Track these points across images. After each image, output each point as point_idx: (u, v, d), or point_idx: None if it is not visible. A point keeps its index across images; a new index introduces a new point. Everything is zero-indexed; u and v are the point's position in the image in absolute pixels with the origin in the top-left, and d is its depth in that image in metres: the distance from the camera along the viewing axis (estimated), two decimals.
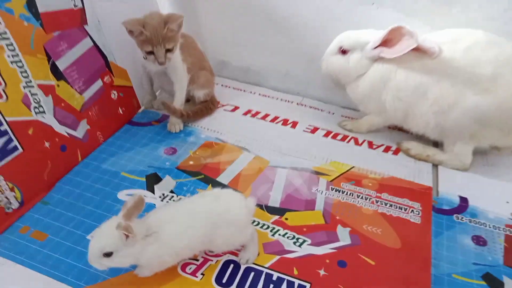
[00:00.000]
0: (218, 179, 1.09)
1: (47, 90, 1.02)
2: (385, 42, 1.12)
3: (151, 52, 1.10)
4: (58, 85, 1.05)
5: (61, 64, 1.06)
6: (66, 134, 1.07)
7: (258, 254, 0.89)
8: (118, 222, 0.72)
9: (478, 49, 1.05)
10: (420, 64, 1.10)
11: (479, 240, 0.96)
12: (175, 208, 0.84)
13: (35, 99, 0.99)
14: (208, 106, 1.33)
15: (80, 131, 1.12)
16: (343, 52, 1.18)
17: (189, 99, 1.34)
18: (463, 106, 1.06)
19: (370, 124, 1.28)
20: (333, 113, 1.40)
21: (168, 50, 1.11)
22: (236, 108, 1.40)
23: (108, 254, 0.74)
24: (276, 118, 1.36)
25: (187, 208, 0.84)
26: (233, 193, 0.89)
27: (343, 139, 1.28)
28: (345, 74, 1.20)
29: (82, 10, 1.10)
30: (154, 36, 1.08)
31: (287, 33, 1.37)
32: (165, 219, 0.81)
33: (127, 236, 0.73)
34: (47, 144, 1.02)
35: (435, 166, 1.18)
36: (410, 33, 1.07)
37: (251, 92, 1.49)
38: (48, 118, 1.02)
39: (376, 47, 1.13)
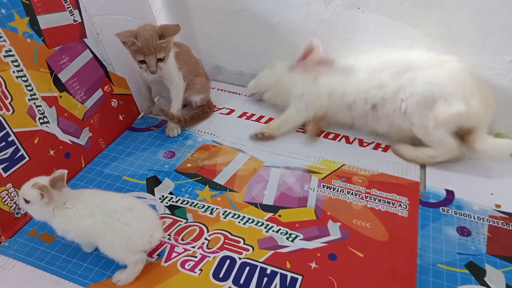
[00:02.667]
0: (214, 180, 1.14)
1: (50, 101, 1.08)
2: (304, 57, 1.27)
3: (143, 61, 1.14)
4: (60, 96, 1.11)
5: (63, 77, 1.12)
6: (69, 142, 1.13)
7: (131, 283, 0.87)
8: (37, 181, 0.81)
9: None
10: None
11: (463, 231, 1.00)
12: (98, 195, 0.89)
13: (40, 110, 1.05)
14: (204, 110, 1.39)
15: (83, 139, 1.18)
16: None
17: (186, 104, 1.39)
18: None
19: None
20: None
21: (159, 60, 1.15)
22: (231, 111, 1.45)
23: (26, 201, 0.83)
24: (270, 119, 1.40)
25: (103, 199, 0.88)
26: (150, 220, 0.89)
27: (334, 138, 1.32)
28: (267, 77, 1.40)
29: (81, 24, 1.16)
30: (146, 46, 1.11)
31: (278, 37, 1.42)
32: (80, 200, 0.86)
33: (42, 196, 0.81)
34: (52, 152, 1.08)
35: None
36: (315, 45, 1.23)
37: (246, 95, 1.53)
38: (52, 128, 1.08)
39: (299, 62, 1.29)
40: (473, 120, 1.14)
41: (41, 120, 1.05)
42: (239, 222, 1.02)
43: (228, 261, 0.92)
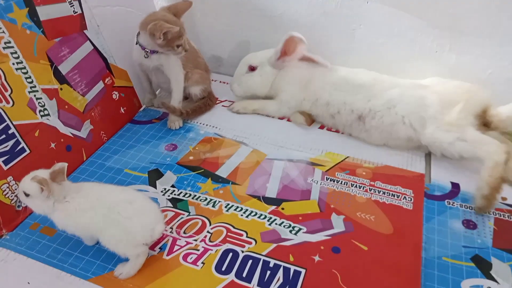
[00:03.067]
0: (217, 172, 1.13)
1: (51, 94, 1.07)
2: (285, 52, 1.27)
3: (179, 45, 1.14)
4: (61, 89, 1.10)
5: (64, 69, 1.10)
6: (70, 135, 1.12)
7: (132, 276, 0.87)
8: (37, 174, 0.80)
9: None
10: None
11: (469, 224, 0.99)
12: (98, 189, 0.89)
13: (40, 103, 1.04)
14: (206, 103, 1.37)
15: (84, 132, 1.17)
16: (252, 69, 1.32)
17: (187, 97, 1.37)
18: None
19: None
20: None
21: None
22: (233, 103, 1.43)
23: (26, 195, 0.82)
24: None
25: (103, 193, 0.87)
26: (151, 213, 0.88)
27: (338, 130, 1.30)
28: (260, 86, 1.34)
29: (82, 16, 1.15)
30: (181, 27, 1.12)
31: (280, 29, 1.38)
32: (81, 193, 0.85)
33: (42, 189, 0.80)
34: (53, 145, 1.07)
35: (428, 153, 1.20)
36: (300, 40, 1.23)
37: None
38: (53, 120, 1.07)
39: (279, 58, 1.28)
40: (476, 100, 1.14)
41: (42, 113, 1.04)
42: (241, 215, 1.00)
43: (230, 254, 0.91)
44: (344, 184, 1.10)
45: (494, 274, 0.88)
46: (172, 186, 1.09)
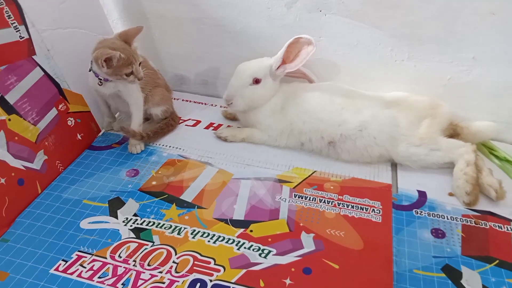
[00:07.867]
0: (181, 197, 1.09)
1: None
2: (285, 60, 1.22)
3: (130, 73, 1.10)
4: (9, 119, 1.03)
5: (11, 98, 1.04)
6: (22, 168, 1.06)
7: None
8: None
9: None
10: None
11: (438, 233, 0.99)
12: None
13: None
14: (169, 123, 1.33)
15: (37, 163, 1.10)
16: (257, 81, 1.23)
17: (148, 118, 1.33)
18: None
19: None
20: None
21: (139, 64, 1.13)
22: (197, 122, 1.40)
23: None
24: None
25: None
26: None
27: None
28: (263, 99, 1.26)
29: (29, 40, 1.09)
30: (130, 55, 1.08)
31: (242, 44, 1.38)
32: None
33: None
34: (2, 180, 1.00)
35: (394, 163, 1.20)
36: (308, 41, 1.19)
37: (212, 105, 1.49)
38: (2, 154, 1.01)
39: (279, 66, 1.22)
40: (442, 115, 1.18)
41: None
42: (208, 241, 0.97)
43: (198, 285, 0.87)
44: (312, 200, 1.08)
45: (465, 283, 0.88)
46: (135, 215, 1.04)
